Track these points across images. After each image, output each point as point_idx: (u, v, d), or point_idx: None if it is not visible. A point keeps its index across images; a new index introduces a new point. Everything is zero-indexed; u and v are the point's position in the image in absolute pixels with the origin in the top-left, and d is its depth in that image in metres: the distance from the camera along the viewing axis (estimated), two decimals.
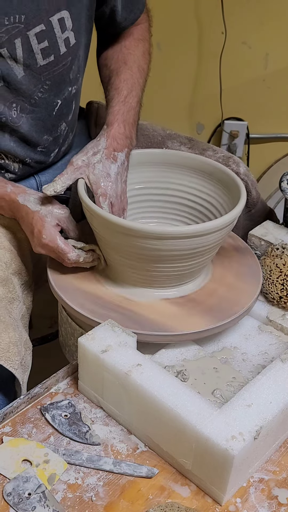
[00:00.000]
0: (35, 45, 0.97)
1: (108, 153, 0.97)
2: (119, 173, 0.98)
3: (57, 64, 1.02)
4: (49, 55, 1.00)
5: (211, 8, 1.94)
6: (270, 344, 0.96)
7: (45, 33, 0.97)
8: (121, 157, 0.98)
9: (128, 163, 1.01)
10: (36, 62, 0.99)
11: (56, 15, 0.97)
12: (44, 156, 1.11)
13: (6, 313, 0.96)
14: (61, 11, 0.98)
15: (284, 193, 1.14)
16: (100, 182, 0.95)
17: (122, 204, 0.99)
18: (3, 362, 0.88)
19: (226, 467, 0.72)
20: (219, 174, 1.02)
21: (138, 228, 0.86)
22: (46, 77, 1.02)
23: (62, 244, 0.95)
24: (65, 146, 1.17)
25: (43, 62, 1.00)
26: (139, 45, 1.14)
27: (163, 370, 0.81)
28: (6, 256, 1.03)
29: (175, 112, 2.15)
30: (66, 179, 0.95)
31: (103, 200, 0.95)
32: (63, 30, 1.00)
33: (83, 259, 0.97)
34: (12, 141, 1.05)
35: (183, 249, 0.88)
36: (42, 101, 1.04)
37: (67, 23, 1.00)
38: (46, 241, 0.95)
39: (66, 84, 1.06)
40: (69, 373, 0.91)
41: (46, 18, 0.96)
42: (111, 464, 0.79)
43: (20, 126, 1.03)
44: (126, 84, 1.06)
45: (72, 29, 1.01)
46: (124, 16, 1.11)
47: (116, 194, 0.97)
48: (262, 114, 2.14)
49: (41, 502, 0.73)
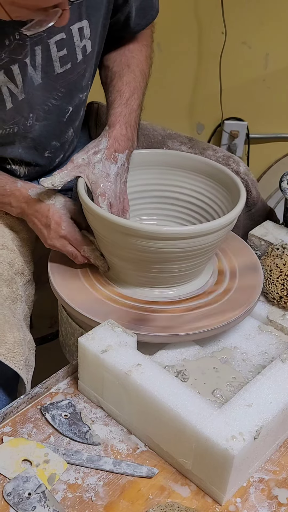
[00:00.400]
0: (54, 53, 0.97)
1: (109, 153, 0.98)
2: (118, 173, 0.98)
3: (72, 72, 1.02)
4: (66, 63, 1.00)
5: (211, 8, 1.94)
6: (270, 344, 0.96)
7: (64, 41, 0.97)
8: (122, 158, 0.99)
9: (128, 165, 1.01)
10: (53, 70, 0.99)
11: (76, 24, 0.98)
12: (50, 160, 1.11)
13: (10, 313, 0.96)
14: (82, 20, 0.98)
15: (284, 193, 1.14)
16: (99, 182, 0.95)
17: (121, 204, 0.99)
18: (8, 362, 0.89)
19: (226, 467, 0.72)
20: (219, 174, 1.02)
21: (137, 228, 0.86)
22: (61, 84, 1.02)
23: (80, 236, 0.97)
24: (70, 151, 1.17)
25: (60, 70, 1.00)
26: (143, 50, 1.14)
27: (163, 370, 0.81)
28: (10, 256, 1.03)
29: (175, 112, 2.14)
30: (65, 175, 0.95)
31: (102, 200, 0.95)
32: (81, 38, 1.00)
33: (94, 255, 0.98)
34: (21, 148, 1.05)
35: (183, 249, 0.88)
36: (55, 108, 1.04)
37: (86, 32, 1.00)
38: (64, 233, 0.97)
39: (78, 92, 1.07)
40: (69, 373, 0.91)
41: (67, 27, 0.96)
42: (111, 464, 0.79)
43: (31, 133, 1.04)
44: (128, 87, 1.06)
45: (90, 37, 1.01)
46: (137, 22, 1.12)
47: (115, 195, 0.97)
48: (262, 114, 2.14)
49: (41, 502, 0.73)
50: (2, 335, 0.90)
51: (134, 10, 1.09)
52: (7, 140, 1.02)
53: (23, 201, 1.00)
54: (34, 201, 0.99)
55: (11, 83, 0.94)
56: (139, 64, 1.11)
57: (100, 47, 1.08)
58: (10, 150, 1.05)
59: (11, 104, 0.96)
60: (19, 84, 0.95)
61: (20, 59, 0.93)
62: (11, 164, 1.07)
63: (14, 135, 1.01)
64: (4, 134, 1.00)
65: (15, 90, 0.95)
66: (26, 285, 1.07)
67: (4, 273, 1.00)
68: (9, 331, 0.91)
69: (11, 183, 1.01)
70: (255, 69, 2.07)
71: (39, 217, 0.99)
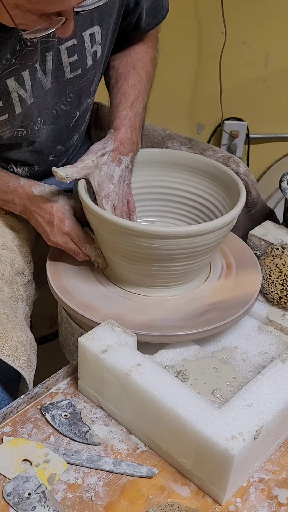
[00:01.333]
0: (65, 59, 0.97)
1: (114, 155, 0.98)
2: (122, 176, 0.99)
3: (82, 77, 1.02)
4: (76, 69, 1.00)
5: (211, 8, 1.94)
6: (270, 344, 0.96)
7: (76, 47, 0.97)
8: (126, 160, 0.99)
9: (132, 167, 1.02)
10: (63, 75, 0.99)
11: (88, 30, 0.98)
12: (53, 164, 1.11)
13: (12, 313, 0.96)
14: (93, 26, 0.98)
15: (284, 193, 1.14)
16: (104, 184, 0.96)
17: (126, 207, 1.00)
18: (11, 361, 0.89)
19: (226, 467, 0.72)
20: (219, 174, 1.02)
21: (137, 228, 0.86)
22: (71, 90, 1.02)
23: (83, 233, 0.97)
24: (73, 155, 1.18)
25: (70, 75, 1.00)
26: (148, 51, 1.14)
27: (163, 370, 0.81)
28: (10, 256, 1.03)
29: (175, 112, 2.14)
30: (75, 172, 0.95)
31: (106, 202, 0.96)
32: (92, 44, 1.00)
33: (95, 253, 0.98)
34: (27, 151, 1.06)
35: (182, 249, 0.88)
36: (63, 113, 1.04)
37: (97, 38, 1.00)
38: (68, 230, 0.97)
39: (86, 97, 1.07)
40: (69, 373, 0.91)
41: (79, 33, 0.96)
42: (111, 464, 0.79)
43: (39, 137, 1.04)
44: (134, 89, 1.07)
45: (100, 43, 1.01)
46: (148, 22, 1.11)
47: (118, 197, 0.98)
48: (262, 114, 2.14)
49: (41, 502, 0.73)
50: (5, 335, 0.90)
51: (145, 11, 1.09)
52: (14, 142, 1.02)
53: (26, 198, 1.00)
54: (38, 198, 0.99)
55: (21, 88, 0.94)
56: (145, 66, 1.11)
57: (109, 52, 1.08)
58: (16, 153, 1.05)
59: (20, 109, 0.96)
60: (28, 88, 0.95)
61: (31, 65, 0.93)
62: (14, 168, 1.07)
63: (22, 138, 1.02)
64: (12, 137, 1.00)
65: (24, 94, 0.95)
66: (26, 285, 1.07)
67: (6, 273, 1.00)
68: (12, 331, 0.91)
69: (14, 180, 1.02)
70: (255, 69, 2.07)
71: (42, 214, 0.99)
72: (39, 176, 1.12)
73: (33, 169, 1.09)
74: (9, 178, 1.02)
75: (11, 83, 0.92)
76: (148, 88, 1.10)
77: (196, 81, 2.11)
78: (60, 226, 0.97)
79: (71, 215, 0.98)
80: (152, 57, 1.14)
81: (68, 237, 0.98)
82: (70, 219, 0.98)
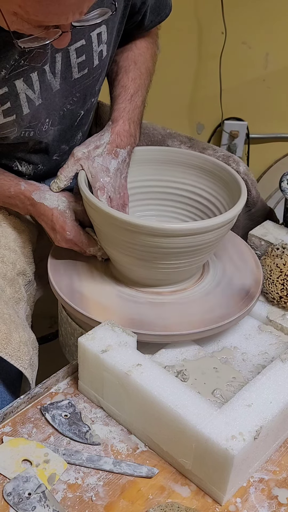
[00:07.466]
0: (74, 59, 0.97)
1: (111, 148, 0.98)
2: (119, 169, 0.99)
3: (88, 77, 1.02)
4: (84, 68, 1.00)
5: (211, 8, 1.94)
6: (270, 344, 0.96)
7: (84, 47, 0.98)
8: (123, 153, 0.99)
9: (129, 160, 1.02)
10: (71, 76, 0.99)
11: (96, 30, 0.98)
12: (57, 163, 1.11)
13: (15, 313, 0.96)
14: (101, 25, 0.98)
15: (284, 193, 1.14)
16: (99, 176, 0.96)
17: (121, 199, 1.00)
18: (14, 361, 0.89)
19: (226, 467, 0.72)
20: (220, 172, 1.02)
21: (137, 224, 0.86)
22: (77, 89, 1.02)
23: (86, 239, 0.99)
24: None
25: (78, 75, 1.00)
26: (149, 47, 1.14)
27: (163, 370, 0.81)
28: (12, 257, 1.03)
29: (175, 112, 2.14)
30: (67, 172, 0.97)
31: (101, 194, 0.96)
32: (99, 43, 1.00)
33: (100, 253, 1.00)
34: (33, 151, 1.06)
35: (182, 247, 0.88)
36: (68, 113, 1.04)
37: (103, 37, 1.00)
38: (70, 237, 0.98)
39: (91, 96, 1.07)
40: (69, 373, 0.91)
41: (88, 34, 0.97)
42: (111, 464, 0.79)
43: (46, 138, 1.04)
44: (133, 83, 1.07)
45: (106, 42, 1.01)
46: (151, 19, 1.12)
47: (114, 189, 0.98)
48: (262, 114, 2.14)
49: (41, 502, 0.73)
50: (8, 335, 0.90)
51: (149, 8, 1.09)
52: (21, 142, 1.02)
53: (28, 204, 1.01)
54: (38, 205, 1.00)
55: (29, 90, 0.94)
56: (145, 62, 1.12)
57: (114, 51, 1.08)
58: (22, 151, 1.05)
59: (28, 110, 0.96)
60: (36, 90, 0.95)
61: (39, 66, 0.93)
62: (18, 166, 1.08)
63: (29, 139, 1.02)
64: (19, 137, 1.00)
65: (32, 95, 0.95)
66: (27, 285, 1.07)
67: (8, 274, 1.01)
68: (15, 331, 0.91)
69: (15, 185, 1.02)
70: (255, 69, 2.07)
71: (45, 220, 1.00)
72: (43, 175, 1.12)
73: (37, 168, 1.10)
74: (10, 183, 1.02)
75: (19, 84, 0.92)
76: (148, 83, 1.10)
77: (196, 81, 2.11)
78: (62, 233, 0.98)
79: (72, 221, 0.99)
80: (152, 54, 1.15)
81: (72, 243, 0.99)
82: (72, 225, 0.98)
